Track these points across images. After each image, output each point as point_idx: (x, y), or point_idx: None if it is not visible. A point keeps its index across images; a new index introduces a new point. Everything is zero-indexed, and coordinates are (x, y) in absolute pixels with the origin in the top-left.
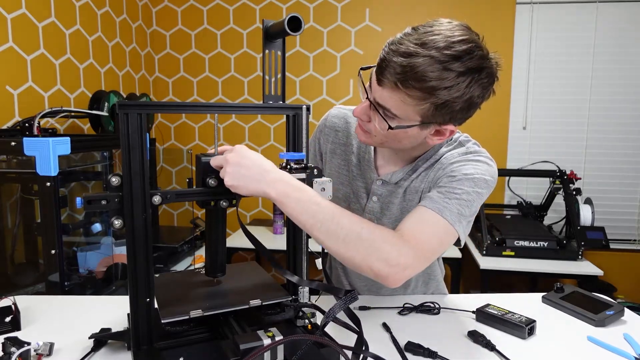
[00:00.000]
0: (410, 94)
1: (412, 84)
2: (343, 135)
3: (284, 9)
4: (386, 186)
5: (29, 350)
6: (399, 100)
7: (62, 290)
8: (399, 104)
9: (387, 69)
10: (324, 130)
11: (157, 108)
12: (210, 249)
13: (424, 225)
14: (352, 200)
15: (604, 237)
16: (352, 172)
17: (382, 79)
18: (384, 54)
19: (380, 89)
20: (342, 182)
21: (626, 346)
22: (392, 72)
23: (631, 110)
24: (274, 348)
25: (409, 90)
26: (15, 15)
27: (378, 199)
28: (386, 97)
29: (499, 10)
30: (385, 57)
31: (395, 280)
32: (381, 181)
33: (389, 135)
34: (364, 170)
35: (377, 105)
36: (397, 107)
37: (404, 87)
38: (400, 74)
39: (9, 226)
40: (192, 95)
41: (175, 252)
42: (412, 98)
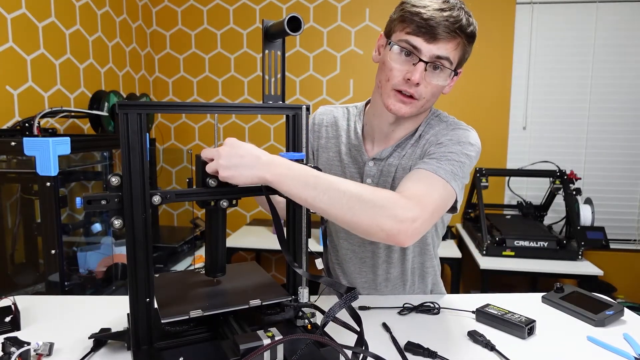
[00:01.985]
0: (461, 36)
1: (464, 31)
2: (332, 129)
3: (284, 9)
4: (377, 165)
5: (29, 350)
6: (453, 48)
7: (62, 290)
8: (453, 52)
9: (439, 26)
10: (313, 129)
11: (157, 108)
12: (210, 249)
13: (422, 183)
14: None
15: (604, 237)
16: (344, 161)
17: (436, 35)
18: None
19: (436, 43)
20: (335, 173)
21: (626, 346)
22: (446, 25)
23: (631, 110)
24: (274, 348)
25: (461, 38)
26: (15, 15)
27: (372, 181)
28: (446, 48)
29: (499, 10)
30: (431, 16)
31: (407, 237)
32: (372, 161)
33: (436, 93)
34: (355, 156)
35: (441, 59)
36: (454, 55)
37: (460, 35)
38: (454, 24)
39: (9, 226)
40: (192, 95)
41: (175, 252)
42: (462, 44)
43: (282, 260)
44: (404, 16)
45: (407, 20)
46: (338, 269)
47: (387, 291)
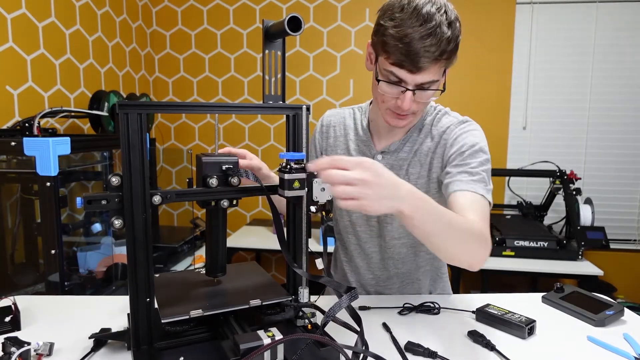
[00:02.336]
0: (444, 58)
1: (446, 51)
2: (340, 129)
3: (284, 9)
4: (386, 159)
5: (29, 350)
6: (438, 69)
7: (62, 290)
8: (438, 71)
9: (422, 58)
10: (322, 129)
11: (157, 108)
12: (210, 248)
13: (479, 212)
14: None
15: (604, 237)
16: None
17: (420, 67)
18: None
19: (421, 73)
20: None
21: (626, 346)
22: (428, 56)
23: (631, 110)
24: (274, 348)
25: (444, 57)
26: (15, 15)
27: None
28: (431, 74)
29: (499, 10)
30: (411, 50)
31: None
32: (381, 155)
33: (427, 103)
34: (363, 151)
35: (425, 84)
36: (439, 73)
37: (441, 57)
38: (435, 52)
39: (9, 226)
40: (192, 95)
41: (175, 252)
42: (444, 60)
43: (282, 260)
44: (385, 43)
45: (388, 51)
46: (347, 267)
47: (395, 289)
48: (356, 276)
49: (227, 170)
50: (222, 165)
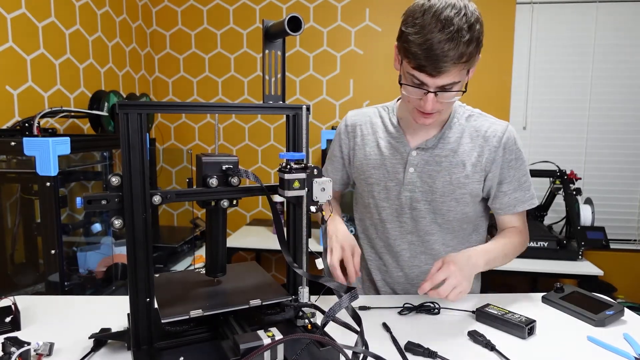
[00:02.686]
0: (463, 61)
1: (465, 54)
2: (367, 127)
3: (284, 9)
4: (422, 155)
5: (29, 350)
6: (458, 71)
7: (62, 290)
8: (458, 73)
9: (441, 62)
10: (347, 129)
11: (157, 108)
12: (210, 248)
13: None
14: (388, 179)
15: (604, 237)
16: (384, 154)
17: (440, 71)
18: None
19: (441, 77)
20: (374, 166)
21: (626, 346)
22: (447, 60)
23: (631, 110)
24: (274, 348)
25: (463, 60)
26: (15, 15)
27: (415, 170)
28: (451, 77)
29: (499, 10)
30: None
31: None
32: (416, 151)
33: (452, 102)
34: (397, 147)
35: (446, 86)
36: (461, 75)
37: (460, 61)
38: (454, 56)
39: (9, 226)
40: (192, 95)
41: (175, 252)
42: (464, 63)
43: (282, 260)
44: (406, 50)
45: (409, 56)
46: (373, 265)
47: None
48: (382, 275)
49: (227, 170)
50: (222, 165)
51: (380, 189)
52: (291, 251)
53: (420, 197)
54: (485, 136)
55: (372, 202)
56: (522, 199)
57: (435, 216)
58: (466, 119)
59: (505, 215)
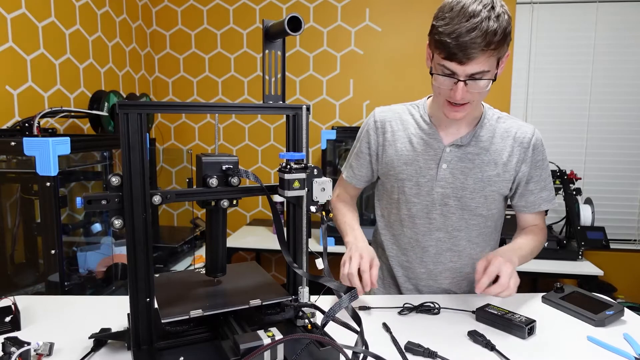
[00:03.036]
0: (491, 48)
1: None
2: (397, 123)
3: (284, 9)
4: (455, 152)
5: (29, 350)
6: (486, 59)
7: (62, 290)
8: (487, 61)
9: (469, 49)
10: (376, 125)
11: (157, 108)
12: (210, 248)
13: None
14: (420, 175)
15: (604, 237)
16: (417, 150)
17: (468, 57)
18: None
19: (470, 64)
20: (406, 162)
21: (626, 346)
22: (475, 47)
23: (631, 110)
24: (274, 347)
25: (491, 47)
26: (15, 15)
27: (447, 166)
28: (480, 65)
29: None
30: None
31: None
32: (450, 147)
33: (483, 93)
34: (430, 143)
35: (476, 74)
36: (490, 64)
37: (488, 48)
38: (481, 43)
39: (9, 226)
40: (192, 95)
41: (175, 252)
42: (492, 50)
43: (282, 260)
44: (437, 42)
45: (439, 47)
46: (394, 261)
47: (446, 284)
48: (404, 270)
49: (227, 170)
50: (222, 165)
51: (412, 185)
52: (291, 251)
53: (450, 194)
54: (515, 137)
55: (402, 197)
56: (547, 198)
57: (464, 212)
58: (496, 120)
59: (529, 214)
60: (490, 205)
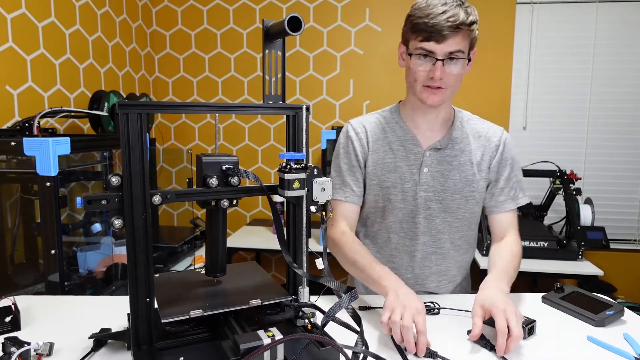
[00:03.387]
0: (465, 27)
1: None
2: (375, 132)
3: (284, 9)
4: (434, 155)
5: (29, 350)
6: (461, 39)
7: (62, 290)
8: (461, 41)
9: (444, 27)
10: (358, 136)
11: (157, 108)
12: (210, 248)
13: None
14: (404, 181)
15: (604, 237)
16: (398, 156)
17: (445, 35)
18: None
19: (447, 42)
20: (389, 170)
21: (626, 346)
22: (449, 25)
23: (631, 110)
24: (274, 347)
25: (465, 29)
26: (15, 15)
27: (428, 170)
28: (455, 43)
29: (499, 10)
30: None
31: None
32: (429, 151)
33: (458, 78)
34: (410, 148)
35: (453, 53)
36: (464, 45)
37: (462, 27)
38: (455, 21)
39: (9, 226)
40: (192, 95)
41: (175, 252)
42: (465, 29)
43: (282, 260)
44: (414, 27)
45: (417, 30)
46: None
47: (432, 288)
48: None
49: (227, 170)
50: (222, 165)
51: (397, 192)
52: (291, 251)
53: (433, 197)
54: (486, 137)
55: (388, 205)
56: (515, 197)
57: (446, 215)
58: (467, 122)
59: (500, 214)
60: (472, 207)
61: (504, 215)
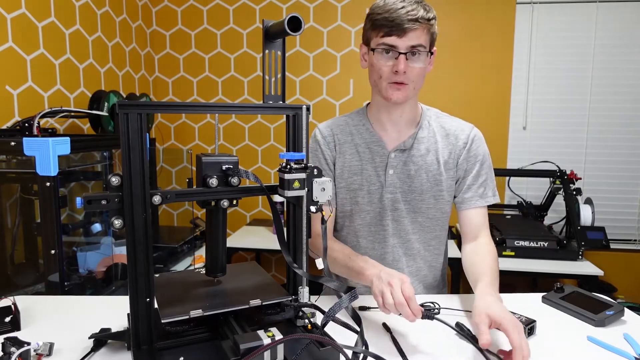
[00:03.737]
0: (425, 26)
1: (425, 18)
2: (342, 135)
3: (284, 9)
4: (400, 157)
5: (29, 350)
6: (421, 33)
7: (62, 290)
8: (422, 35)
9: (405, 21)
10: (325, 140)
11: (157, 108)
12: (210, 248)
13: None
14: (371, 183)
15: (604, 237)
16: (363, 158)
17: (405, 30)
18: (390, 18)
19: (408, 35)
20: (355, 172)
21: (626, 346)
22: (409, 19)
23: (631, 110)
24: (274, 348)
25: (425, 24)
26: (15, 15)
27: (394, 171)
28: (416, 37)
29: (499, 10)
30: (395, 17)
31: None
32: (395, 153)
33: (421, 74)
34: (375, 150)
35: (415, 47)
36: (424, 40)
37: (422, 23)
38: (415, 15)
39: (9, 226)
40: (192, 95)
41: (175, 252)
42: (425, 24)
43: (282, 260)
44: (375, 24)
45: (378, 26)
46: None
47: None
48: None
49: (227, 170)
50: (222, 165)
51: (364, 194)
52: (291, 251)
53: (400, 198)
54: (455, 134)
55: (356, 208)
56: (483, 194)
57: (416, 215)
58: (435, 120)
59: (467, 210)
60: (442, 206)
61: (473, 213)
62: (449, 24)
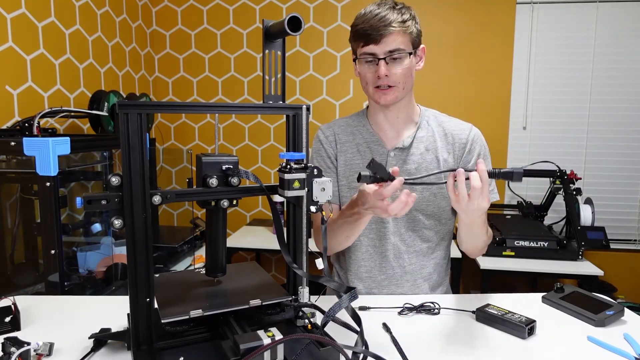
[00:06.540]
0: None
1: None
2: (344, 134)
3: (284, 9)
4: (399, 155)
5: (29, 350)
6: (398, 37)
7: (62, 290)
8: (400, 40)
9: (379, 28)
10: (327, 140)
11: (157, 108)
12: (210, 248)
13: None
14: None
15: (604, 237)
16: (364, 157)
17: (382, 34)
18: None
19: (384, 40)
20: (356, 170)
21: (626, 346)
22: (383, 25)
23: (631, 110)
24: (274, 348)
25: (399, 27)
26: (15, 15)
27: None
28: (393, 41)
29: (499, 10)
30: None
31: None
32: (394, 152)
33: (406, 74)
34: (375, 150)
35: (393, 52)
36: (403, 42)
37: (396, 27)
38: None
39: (9, 226)
40: (192, 95)
41: (175, 252)
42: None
43: (282, 260)
44: (355, 35)
45: (358, 37)
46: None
47: (408, 286)
48: (363, 282)
49: (227, 170)
50: (222, 165)
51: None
52: (291, 251)
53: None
54: (453, 134)
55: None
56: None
57: (416, 212)
58: (434, 120)
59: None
60: (441, 203)
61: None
62: (449, 24)
